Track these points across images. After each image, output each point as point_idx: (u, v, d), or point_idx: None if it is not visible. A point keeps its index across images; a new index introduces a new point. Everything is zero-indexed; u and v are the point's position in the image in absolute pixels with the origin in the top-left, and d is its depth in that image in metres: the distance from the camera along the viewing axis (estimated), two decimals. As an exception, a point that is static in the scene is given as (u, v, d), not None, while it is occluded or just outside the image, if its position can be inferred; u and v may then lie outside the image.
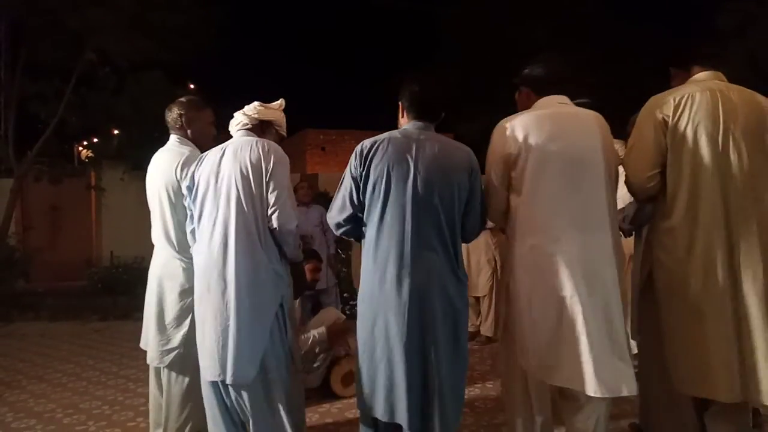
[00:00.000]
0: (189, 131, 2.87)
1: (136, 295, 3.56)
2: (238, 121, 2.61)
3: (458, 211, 2.16)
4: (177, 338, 2.72)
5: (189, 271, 2.63)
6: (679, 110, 2.14)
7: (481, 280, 4.76)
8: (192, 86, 9.76)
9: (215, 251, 2.38)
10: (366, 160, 2.16)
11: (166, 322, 2.73)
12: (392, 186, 2.11)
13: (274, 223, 2.38)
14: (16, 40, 7.52)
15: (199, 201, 2.48)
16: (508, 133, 2.14)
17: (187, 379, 2.74)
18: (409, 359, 2.05)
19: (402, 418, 2.07)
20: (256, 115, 2.59)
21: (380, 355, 2.12)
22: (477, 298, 4.82)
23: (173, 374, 2.76)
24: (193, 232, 2.59)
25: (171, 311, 2.72)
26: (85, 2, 7.12)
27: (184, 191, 2.61)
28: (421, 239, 2.08)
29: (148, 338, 2.80)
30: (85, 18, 7.16)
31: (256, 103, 2.63)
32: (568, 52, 12.52)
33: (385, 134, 2.22)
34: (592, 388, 1.96)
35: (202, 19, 8.40)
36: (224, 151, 2.50)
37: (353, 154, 2.21)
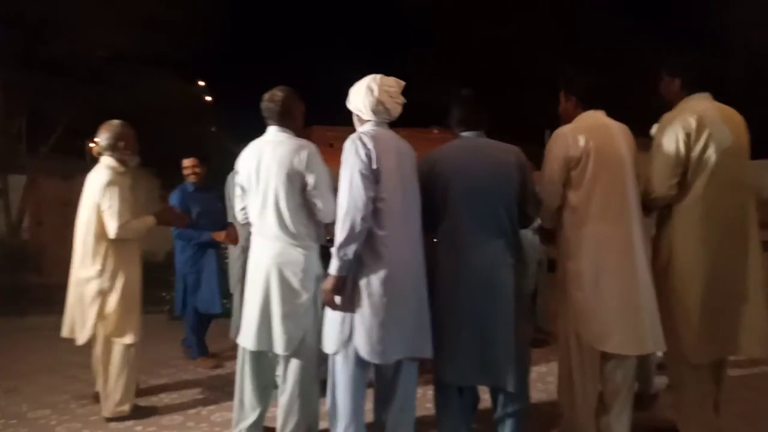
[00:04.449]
0: (290, 120, 2.87)
1: (146, 289, 3.63)
2: (386, 117, 2.61)
3: (514, 201, 2.58)
4: (305, 324, 2.75)
5: (310, 258, 2.75)
6: (700, 127, 2.55)
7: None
8: (201, 83, 9.83)
9: (416, 240, 2.56)
10: (430, 175, 2.60)
11: (290, 309, 2.72)
12: (453, 192, 2.54)
13: None
14: (28, 38, 7.60)
15: (392, 187, 2.48)
16: (569, 139, 2.62)
17: (312, 366, 2.79)
18: (491, 332, 2.48)
19: (492, 380, 2.54)
20: (397, 115, 2.63)
21: (464, 329, 2.50)
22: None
23: (300, 362, 2.76)
24: (244, 209, 2.90)
25: (296, 298, 2.73)
26: (95, 1, 7.20)
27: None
28: (486, 228, 2.52)
29: (250, 330, 2.77)
30: (94, 16, 7.23)
31: (400, 96, 2.61)
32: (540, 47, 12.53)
33: (446, 145, 2.70)
34: (637, 349, 2.57)
35: (211, 16, 8.45)
36: (397, 142, 2.59)
37: (423, 165, 2.65)
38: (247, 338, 2.80)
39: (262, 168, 2.76)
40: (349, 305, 2.46)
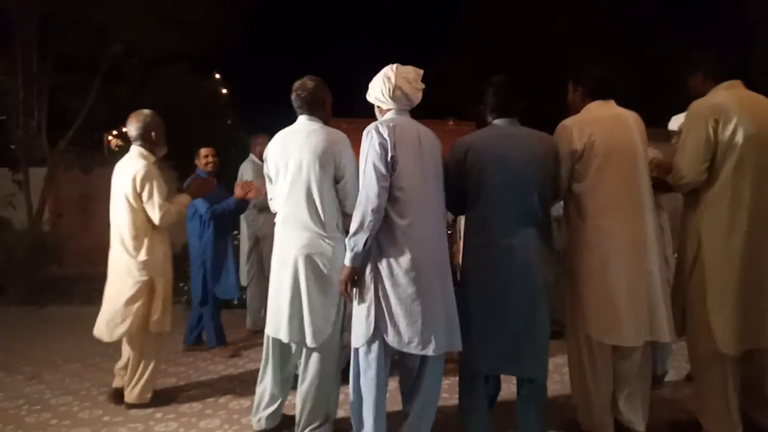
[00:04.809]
0: (320, 110, 2.85)
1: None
2: (405, 103, 2.59)
3: (548, 190, 2.58)
4: (332, 315, 2.74)
5: (338, 250, 2.71)
6: (728, 114, 2.51)
7: None
8: (217, 76, 9.87)
9: (435, 228, 2.53)
10: (465, 160, 2.56)
11: (321, 301, 2.71)
12: (488, 178, 2.50)
13: None
14: (46, 33, 7.69)
15: (408, 175, 2.46)
16: (572, 132, 2.61)
17: (334, 357, 2.80)
18: (524, 321, 2.48)
19: (523, 369, 2.55)
20: (417, 101, 2.63)
21: (497, 318, 2.50)
22: None
23: (323, 353, 2.75)
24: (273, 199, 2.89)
25: (325, 290, 2.72)
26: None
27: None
28: (520, 216, 2.50)
29: (281, 321, 2.75)
30: (109, 10, 7.29)
31: (419, 83, 2.60)
32: (586, 42, 12.49)
33: (479, 132, 2.67)
34: (639, 339, 2.57)
35: (226, 10, 8.48)
36: (418, 130, 2.56)
37: (452, 157, 2.63)
38: (278, 329, 2.78)
39: (293, 156, 2.73)
40: (374, 297, 2.46)
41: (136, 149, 3.33)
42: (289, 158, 2.74)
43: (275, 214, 2.91)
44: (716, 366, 2.63)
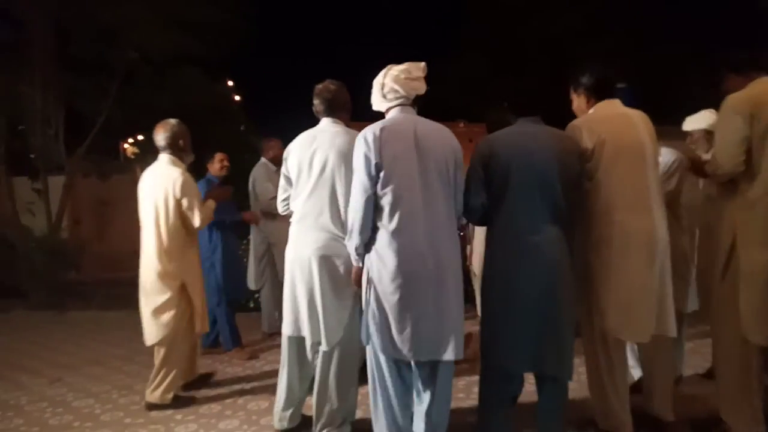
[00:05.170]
0: (342, 113, 2.89)
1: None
2: (399, 95, 2.51)
3: (572, 190, 2.55)
4: (345, 318, 2.74)
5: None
6: (760, 107, 2.54)
7: None
8: (230, 82, 9.96)
9: (426, 232, 2.38)
10: (489, 158, 2.53)
11: (335, 304, 2.72)
12: (513, 176, 2.47)
13: (459, 210, 2.56)
14: (62, 40, 7.81)
15: (396, 178, 2.39)
16: (582, 132, 2.64)
17: (352, 358, 2.80)
18: (550, 319, 2.45)
19: (543, 365, 2.49)
20: (414, 91, 2.53)
21: (524, 315, 2.46)
22: None
23: (340, 353, 2.75)
24: (286, 200, 2.92)
25: (340, 291, 2.72)
26: (130, 2, 7.36)
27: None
28: (545, 215, 2.48)
29: (302, 321, 2.76)
30: (122, 15, 7.39)
31: (410, 74, 2.51)
32: (598, 37, 12.45)
33: (505, 130, 2.62)
34: (649, 335, 2.60)
35: (239, 14, 8.55)
36: (414, 129, 2.44)
37: (476, 155, 2.58)
38: (298, 328, 2.81)
39: (317, 157, 2.74)
40: (366, 301, 2.48)
41: (165, 157, 3.41)
42: (314, 158, 2.75)
43: (286, 217, 2.93)
44: (741, 358, 2.64)
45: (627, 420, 2.72)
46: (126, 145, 10.25)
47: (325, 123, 2.87)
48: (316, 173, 2.75)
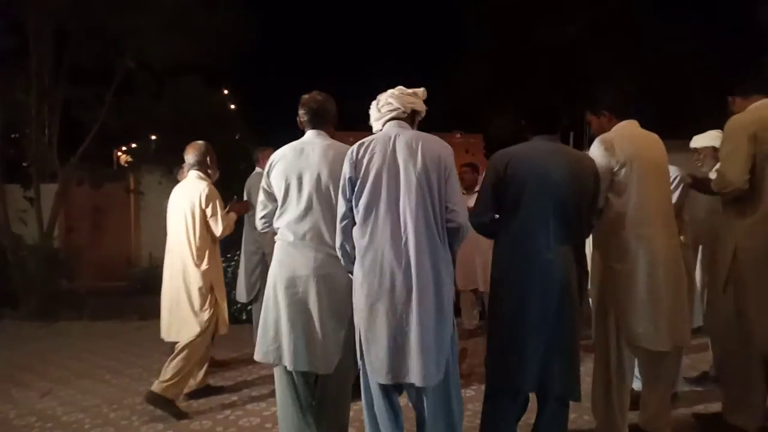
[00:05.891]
0: (327, 124, 2.80)
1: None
2: (393, 107, 2.47)
3: (586, 208, 2.57)
4: (341, 339, 2.60)
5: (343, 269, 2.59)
6: (763, 129, 2.76)
7: None
8: (226, 91, 9.91)
9: (396, 247, 2.28)
10: (505, 172, 2.52)
11: (332, 325, 2.59)
12: (529, 191, 2.46)
13: (456, 221, 2.35)
14: (58, 46, 7.76)
15: (367, 192, 2.34)
16: (613, 145, 2.70)
17: (346, 381, 2.71)
18: (557, 335, 2.45)
19: (550, 384, 2.47)
20: (411, 105, 2.49)
21: (533, 333, 2.44)
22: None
23: (337, 378, 2.65)
24: (266, 218, 2.75)
25: (339, 314, 2.59)
26: (125, 7, 7.32)
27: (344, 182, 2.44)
28: (558, 232, 2.46)
29: (297, 350, 2.58)
30: (124, 23, 7.35)
31: (406, 90, 2.50)
32: (602, 48, 12.52)
33: (522, 145, 2.61)
34: (666, 346, 2.68)
35: (238, 23, 8.52)
36: (393, 140, 2.37)
37: (492, 168, 2.59)
38: (295, 360, 2.58)
39: (308, 173, 2.61)
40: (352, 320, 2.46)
41: (194, 173, 3.78)
42: (304, 173, 2.62)
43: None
44: (742, 361, 2.87)
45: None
46: (119, 153, 10.16)
47: (311, 135, 2.74)
48: (308, 190, 2.60)
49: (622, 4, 12.63)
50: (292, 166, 2.65)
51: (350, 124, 4.63)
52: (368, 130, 2.60)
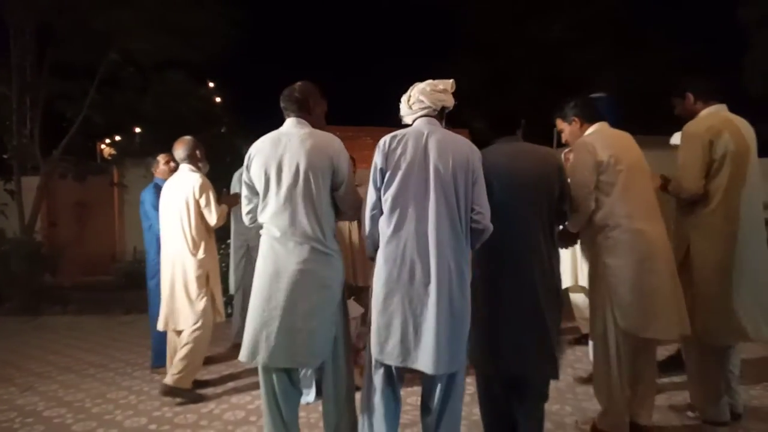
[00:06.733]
0: (307, 113, 2.68)
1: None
2: (424, 105, 2.50)
3: (554, 201, 2.65)
4: (333, 329, 2.58)
5: (339, 262, 2.61)
6: (719, 134, 2.89)
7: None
8: (212, 85, 9.82)
9: (419, 241, 2.34)
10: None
11: (320, 319, 2.54)
12: (498, 189, 2.53)
13: (482, 223, 2.39)
14: (42, 40, 7.66)
15: (396, 185, 2.39)
16: (595, 146, 2.81)
17: (344, 371, 2.67)
18: (530, 321, 2.53)
19: (525, 369, 2.55)
20: (441, 102, 2.52)
21: (503, 322, 2.54)
22: None
23: (341, 371, 2.64)
24: (251, 213, 2.71)
25: (327, 308, 2.56)
26: (110, 3, 7.24)
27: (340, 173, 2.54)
28: (530, 229, 2.55)
29: (278, 346, 2.51)
30: (109, 18, 7.27)
31: (436, 86, 2.51)
32: (584, 47, 12.62)
33: (484, 151, 2.59)
34: (672, 334, 2.81)
35: (225, 19, 8.46)
36: (426, 138, 2.42)
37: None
38: (278, 356, 2.52)
39: (286, 163, 2.52)
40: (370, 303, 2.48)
41: (185, 167, 3.86)
42: (283, 164, 2.52)
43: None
44: (711, 354, 3.02)
45: (626, 423, 2.86)
46: (103, 146, 10.05)
47: (290, 124, 2.64)
48: (288, 181, 2.51)
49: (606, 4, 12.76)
50: (270, 158, 2.55)
51: (338, 119, 4.64)
52: (355, 126, 2.60)
